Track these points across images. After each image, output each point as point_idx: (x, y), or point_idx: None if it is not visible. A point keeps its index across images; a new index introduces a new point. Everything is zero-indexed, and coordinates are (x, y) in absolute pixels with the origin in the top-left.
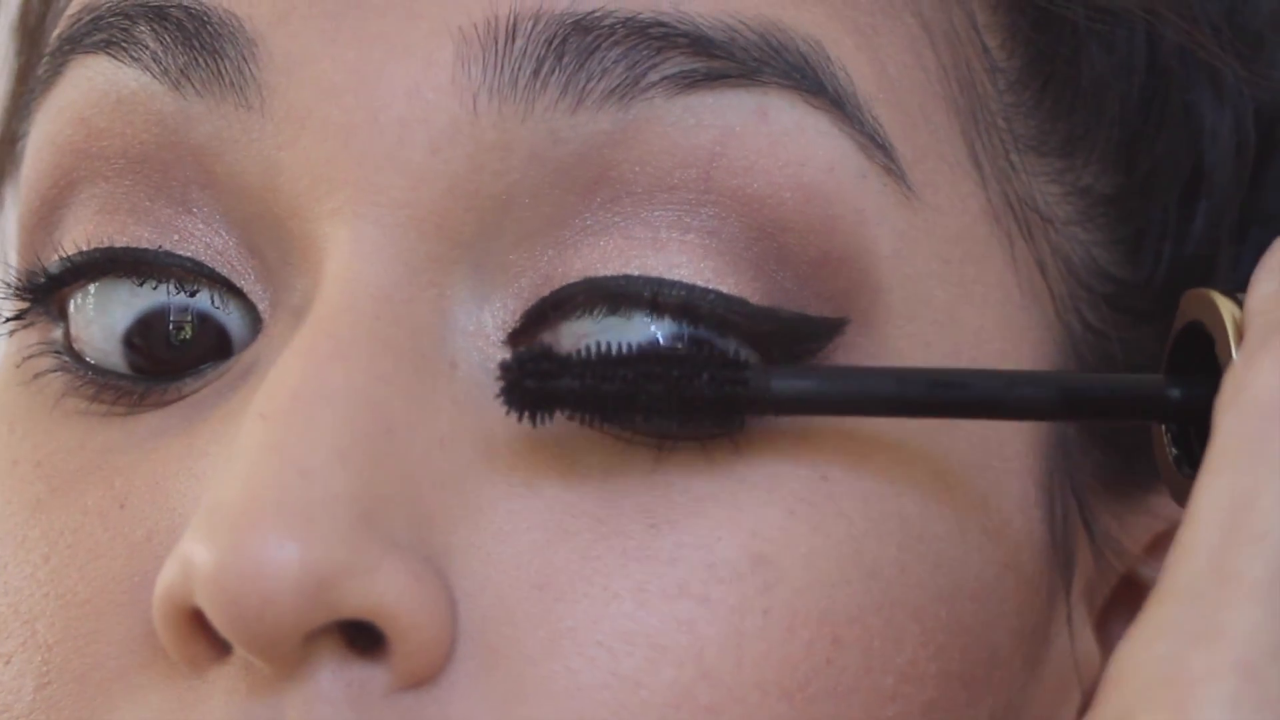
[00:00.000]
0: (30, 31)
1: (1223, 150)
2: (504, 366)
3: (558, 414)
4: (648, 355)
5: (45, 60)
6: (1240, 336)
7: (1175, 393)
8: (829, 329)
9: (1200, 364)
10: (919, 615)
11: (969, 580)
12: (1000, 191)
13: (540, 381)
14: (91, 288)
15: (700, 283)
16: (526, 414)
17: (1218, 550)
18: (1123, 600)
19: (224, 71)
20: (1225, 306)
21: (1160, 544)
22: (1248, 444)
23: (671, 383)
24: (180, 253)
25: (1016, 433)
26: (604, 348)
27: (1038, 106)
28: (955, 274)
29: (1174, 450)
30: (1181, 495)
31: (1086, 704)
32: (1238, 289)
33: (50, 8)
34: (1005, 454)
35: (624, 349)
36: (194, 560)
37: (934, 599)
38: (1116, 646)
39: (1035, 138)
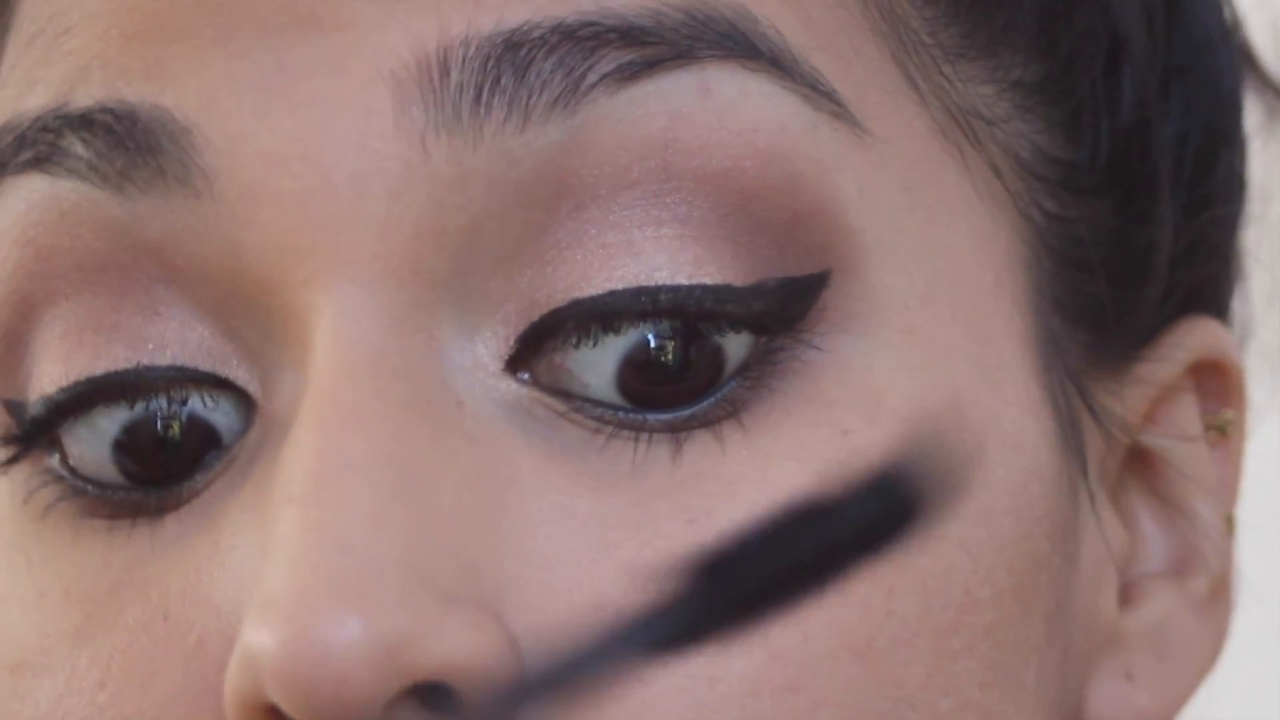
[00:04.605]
0: None
1: (1133, 15)
2: None
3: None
4: None
5: None
6: None
7: None
8: (815, 284)
9: None
10: (963, 544)
11: (1000, 496)
12: (941, 106)
13: None
14: (80, 417)
15: (684, 280)
16: None
17: None
18: (1133, 471)
19: (165, 166)
20: None
21: (1156, 410)
22: None
23: None
24: (159, 363)
25: (1006, 336)
26: None
27: (957, 13)
28: (919, 199)
29: None
30: None
31: (1123, 582)
32: None
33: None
34: (1004, 361)
35: None
36: (259, 656)
37: (973, 524)
38: None
39: (960, 45)
